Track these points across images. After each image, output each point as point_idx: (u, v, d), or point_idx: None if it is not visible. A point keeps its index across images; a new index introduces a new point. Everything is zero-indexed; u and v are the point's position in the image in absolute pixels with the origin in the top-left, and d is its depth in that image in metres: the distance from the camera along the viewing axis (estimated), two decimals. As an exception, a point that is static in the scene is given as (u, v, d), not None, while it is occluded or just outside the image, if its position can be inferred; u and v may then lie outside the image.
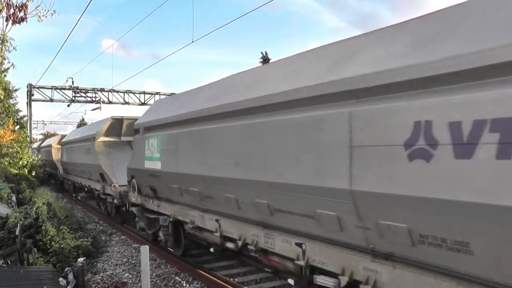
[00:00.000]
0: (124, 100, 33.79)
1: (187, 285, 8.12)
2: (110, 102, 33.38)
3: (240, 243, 6.58)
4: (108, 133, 15.23)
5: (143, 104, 34.00)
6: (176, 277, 8.55)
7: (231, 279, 8.03)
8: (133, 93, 33.97)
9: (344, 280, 4.61)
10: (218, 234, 7.21)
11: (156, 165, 9.23)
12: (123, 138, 15.40)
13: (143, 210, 10.90)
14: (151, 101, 33.34)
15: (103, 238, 12.37)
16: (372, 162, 3.90)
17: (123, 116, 15.48)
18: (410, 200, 3.60)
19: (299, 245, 5.31)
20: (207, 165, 6.99)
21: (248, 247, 6.35)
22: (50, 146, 28.16)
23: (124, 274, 9.00)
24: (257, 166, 5.63)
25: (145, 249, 6.53)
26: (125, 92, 33.65)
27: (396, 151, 3.65)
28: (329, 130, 4.36)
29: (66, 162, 21.78)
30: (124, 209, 13.44)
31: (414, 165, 3.52)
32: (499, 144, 2.97)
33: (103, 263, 9.90)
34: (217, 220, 7.32)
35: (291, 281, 5.79)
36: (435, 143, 3.37)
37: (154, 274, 8.68)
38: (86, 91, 32.33)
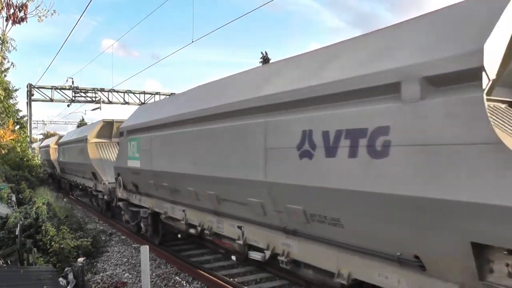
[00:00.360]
0: (124, 100, 33.45)
1: (187, 285, 8.12)
2: (110, 102, 33.01)
3: (199, 229, 7.83)
4: (99, 135, 16.51)
5: (143, 104, 32.94)
6: (176, 277, 8.54)
7: (231, 279, 8.01)
8: (133, 93, 33.73)
9: (268, 253, 5.86)
10: (184, 222, 8.46)
11: (137, 164, 10.47)
12: (114, 140, 16.65)
13: (128, 204, 12.14)
14: (151, 101, 32.79)
15: (103, 238, 12.33)
16: (278, 160, 5.14)
17: (113, 119, 16.75)
18: (302, 188, 4.84)
19: (239, 227, 6.56)
20: (174, 163, 8.24)
21: (205, 231, 7.60)
22: (48, 146, 29.38)
23: (124, 274, 8.99)
24: (208, 164, 6.89)
25: (145, 249, 6.50)
26: (125, 92, 33.37)
27: (292, 152, 4.90)
28: (252, 136, 5.62)
29: (63, 162, 23.06)
30: (113, 204, 14.65)
31: (303, 162, 4.76)
32: (349, 147, 4.21)
33: (103, 263, 9.88)
34: (183, 211, 8.56)
35: (233, 258, 7.04)
36: (314, 146, 4.61)
37: (154, 274, 8.67)
38: (86, 91, 32.06)
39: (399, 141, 3.73)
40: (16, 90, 32.12)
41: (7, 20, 11.60)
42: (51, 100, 31.55)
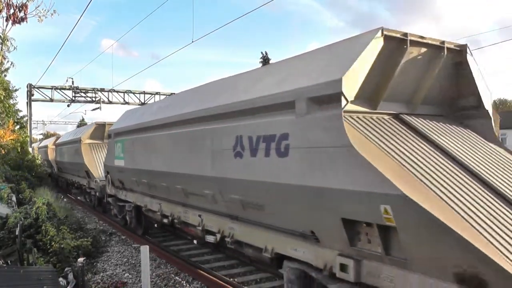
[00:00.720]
0: (124, 100, 33.47)
1: (187, 285, 8.17)
2: (110, 102, 33.08)
3: (171, 218, 9.07)
4: (92, 136, 17.79)
5: (143, 104, 32.93)
6: (176, 277, 8.59)
7: (231, 279, 8.09)
8: (133, 93, 33.81)
9: (218, 236, 7.10)
10: (159, 213, 9.70)
11: (122, 163, 11.72)
12: (106, 141, 17.89)
13: (116, 199, 13.39)
14: (151, 101, 32.63)
15: (103, 238, 12.34)
16: (221, 159, 6.38)
17: (105, 122, 18.03)
18: (237, 181, 6.07)
19: (199, 216, 7.80)
20: (150, 162, 9.49)
21: (175, 221, 8.84)
22: (46, 146, 30.62)
23: (124, 274, 9.02)
24: (175, 163, 8.13)
25: (145, 249, 6.53)
26: (125, 92, 33.44)
27: (229, 152, 6.13)
28: (203, 139, 6.88)
29: (60, 161, 24.34)
30: (104, 200, 15.90)
31: (236, 160, 6.00)
32: (265, 149, 5.44)
33: (103, 263, 9.91)
34: (159, 204, 9.79)
35: (195, 242, 8.30)
36: (243, 148, 5.84)
37: (154, 274, 8.71)
38: (86, 91, 32.06)
39: (295, 145, 4.96)
40: (16, 90, 31.96)
41: (7, 20, 11.44)
42: (51, 100, 31.57)
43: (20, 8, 11.23)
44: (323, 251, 5.02)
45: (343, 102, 4.40)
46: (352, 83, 4.48)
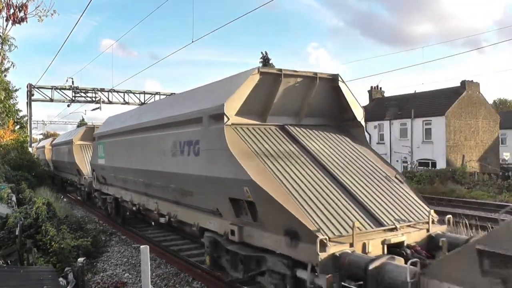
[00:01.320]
0: (124, 100, 33.64)
1: (187, 285, 8.29)
2: (110, 102, 33.28)
3: (138, 206, 11.22)
4: (83, 138, 20.00)
5: (143, 104, 32.78)
6: (176, 277, 8.71)
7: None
8: (133, 93, 34.01)
9: (167, 218, 9.24)
10: (130, 203, 11.85)
11: (103, 162, 13.90)
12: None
13: (100, 193, 15.58)
14: (151, 101, 32.01)
15: (103, 238, 12.47)
16: (164, 157, 8.53)
17: (94, 125, 20.26)
18: (175, 174, 8.21)
19: (156, 203, 9.94)
20: (121, 161, 11.64)
21: (140, 208, 11.00)
22: (43, 147, 32.77)
23: (124, 274, 9.08)
24: (138, 161, 10.28)
25: (145, 249, 6.70)
26: (125, 92, 33.63)
27: (169, 153, 8.28)
28: (153, 143, 9.03)
29: (55, 161, 26.56)
30: (92, 194, 18.09)
31: (173, 158, 8.14)
32: (187, 151, 7.57)
33: (103, 263, 10.00)
34: (131, 195, 11.94)
35: (153, 223, 10.46)
36: (176, 150, 7.98)
37: (154, 274, 8.77)
38: (86, 91, 32.19)
39: (203, 148, 7.10)
40: (16, 90, 32.56)
41: (7, 20, 11.40)
42: (51, 100, 31.63)
43: (20, 8, 11.29)
44: (224, 222, 7.13)
45: (225, 119, 6.52)
46: (232, 106, 6.61)
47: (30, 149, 29.22)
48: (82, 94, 32.10)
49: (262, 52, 42.28)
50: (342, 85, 7.79)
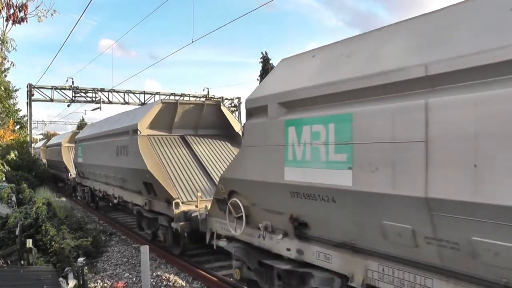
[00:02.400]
0: (124, 100, 33.43)
1: (187, 285, 8.35)
2: (110, 102, 33.08)
3: (103, 193, 15.24)
4: (70, 141, 24.07)
5: (143, 104, 32.65)
6: (176, 277, 8.76)
7: (231, 279, 8.14)
8: (133, 93, 33.86)
9: (118, 199, 13.24)
10: (99, 191, 15.89)
11: (81, 160, 17.98)
12: (81, 144, 24.11)
13: (81, 186, 19.68)
14: (151, 101, 31.25)
15: (103, 238, 12.59)
16: (113, 156, 12.55)
17: (79, 130, 24.30)
18: (118, 168, 12.21)
19: (113, 189, 13.92)
20: (93, 159, 15.69)
21: (104, 194, 15.04)
22: (39, 148, 35.25)
23: (124, 274, 9.16)
24: (101, 158, 14.30)
25: (145, 249, 6.61)
26: (125, 92, 33.49)
27: (114, 153, 12.31)
28: (109, 146, 13.09)
29: (49, 160, 30.53)
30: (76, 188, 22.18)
31: (117, 157, 12.15)
32: (122, 152, 11.57)
33: (103, 263, 10.09)
34: (99, 184, 15.95)
35: (111, 204, 14.52)
36: (118, 151, 11.99)
37: (154, 274, 8.84)
38: (86, 91, 32.00)
39: (130, 150, 11.13)
40: (16, 90, 32.85)
41: (7, 20, 11.25)
42: (51, 100, 31.35)
43: (20, 8, 11.09)
44: (142, 198, 11.09)
45: (138, 132, 10.51)
46: (143, 124, 10.62)
47: (30, 149, 29.96)
48: (82, 94, 31.77)
49: (262, 52, 43.62)
50: (224, 108, 11.79)
